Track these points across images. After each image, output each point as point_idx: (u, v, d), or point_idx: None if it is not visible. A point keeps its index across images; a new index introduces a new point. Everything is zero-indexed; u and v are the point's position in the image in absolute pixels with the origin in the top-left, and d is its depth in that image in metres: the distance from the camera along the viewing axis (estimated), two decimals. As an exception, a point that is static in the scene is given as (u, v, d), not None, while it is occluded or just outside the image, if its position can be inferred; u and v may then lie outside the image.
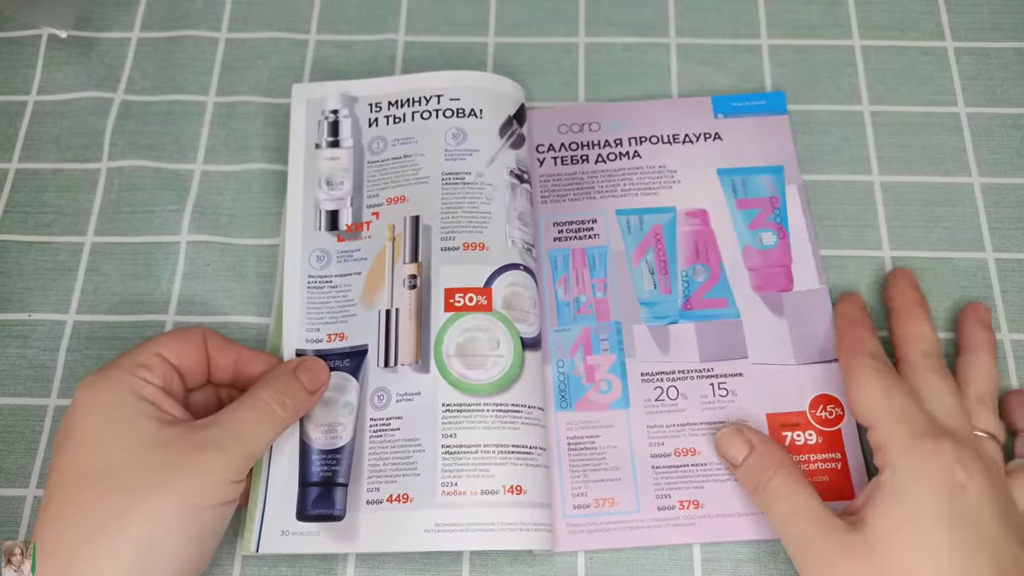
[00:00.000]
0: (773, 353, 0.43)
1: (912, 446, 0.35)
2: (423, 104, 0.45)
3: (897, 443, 0.35)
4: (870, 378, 0.38)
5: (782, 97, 0.48)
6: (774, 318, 0.43)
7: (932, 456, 0.35)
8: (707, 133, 0.47)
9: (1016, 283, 0.45)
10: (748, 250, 0.45)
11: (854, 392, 0.38)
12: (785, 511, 0.36)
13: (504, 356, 0.41)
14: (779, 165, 0.46)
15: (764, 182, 0.46)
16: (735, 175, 0.46)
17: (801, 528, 0.35)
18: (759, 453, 0.38)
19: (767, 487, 0.37)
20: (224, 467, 0.35)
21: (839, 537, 0.34)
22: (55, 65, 0.51)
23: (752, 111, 0.47)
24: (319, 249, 0.44)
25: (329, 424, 0.40)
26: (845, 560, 0.34)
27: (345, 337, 0.42)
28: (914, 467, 0.35)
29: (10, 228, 0.47)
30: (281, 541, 0.39)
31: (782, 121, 0.47)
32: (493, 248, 0.42)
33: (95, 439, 0.34)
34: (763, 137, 0.47)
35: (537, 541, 0.38)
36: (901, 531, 0.34)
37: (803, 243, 0.45)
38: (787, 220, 0.45)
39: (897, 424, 0.36)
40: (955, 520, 0.34)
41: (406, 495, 0.39)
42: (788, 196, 0.45)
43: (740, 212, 0.45)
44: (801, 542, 0.35)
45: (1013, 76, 0.49)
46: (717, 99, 0.48)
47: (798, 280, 0.44)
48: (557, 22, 0.51)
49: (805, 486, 0.37)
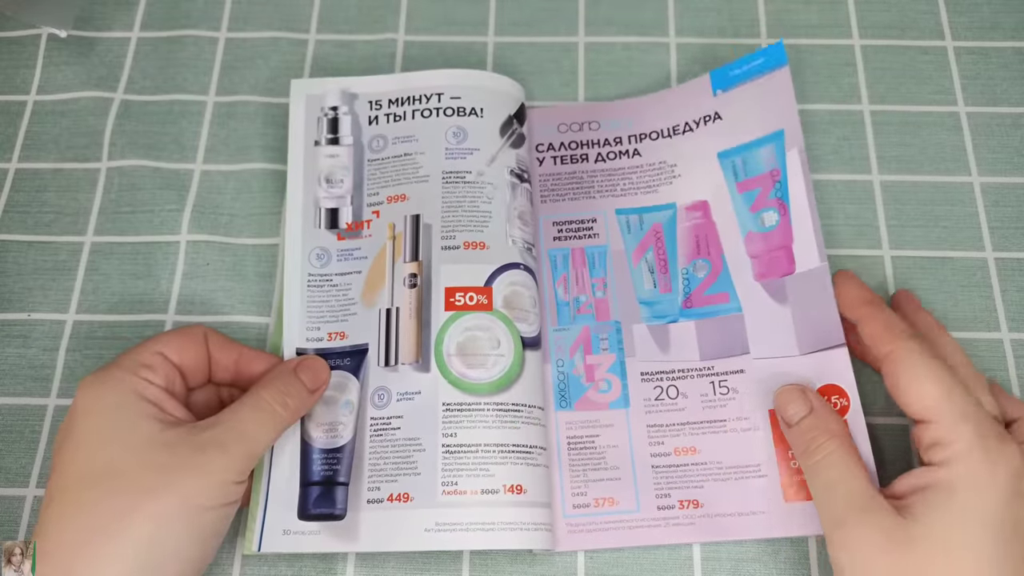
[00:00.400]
0: (776, 345, 0.42)
1: (978, 447, 0.34)
2: (423, 102, 0.45)
3: (963, 443, 0.34)
4: (924, 368, 0.36)
5: (780, 48, 0.46)
6: (777, 307, 0.42)
7: (999, 460, 0.34)
8: (707, 116, 0.46)
9: (1016, 283, 0.45)
10: (750, 236, 0.44)
11: (907, 384, 0.36)
12: (829, 480, 0.36)
13: (505, 355, 0.41)
14: (779, 130, 0.44)
15: (764, 155, 0.44)
16: (735, 155, 0.45)
17: (844, 502, 0.35)
18: (816, 416, 0.37)
19: (817, 453, 0.36)
20: (226, 468, 0.35)
21: (880, 519, 0.34)
22: (55, 65, 0.51)
23: (752, 74, 0.46)
24: (319, 247, 0.44)
25: (330, 423, 0.40)
26: (881, 544, 0.33)
27: (346, 336, 0.42)
28: (977, 471, 0.34)
29: (10, 228, 0.47)
30: (283, 540, 0.39)
31: (782, 75, 0.45)
32: (494, 247, 0.42)
33: (97, 440, 0.34)
34: (764, 101, 0.45)
35: (537, 541, 0.38)
36: (951, 533, 0.33)
37: (804, 214, 0.43)
38: (788, 192, 0.43)
39: (961, 421, 0.34)
40: (1009, 530, 0.33)
41: (406, 494, 0.39)
42: (789, 163, 0.44)
43: (741, 196, 0.44)
44: (840, 517, 0.35)
45: (1013, 76, 0.49)
46: (716, 73, 0.47)
47: (800, 260, 0.42)
48: (557, 22, 0.51)
49: (856, 461, 0.36)
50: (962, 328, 0.44)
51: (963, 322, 0.44)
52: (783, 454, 0.40)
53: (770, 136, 0.45)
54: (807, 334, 0.41)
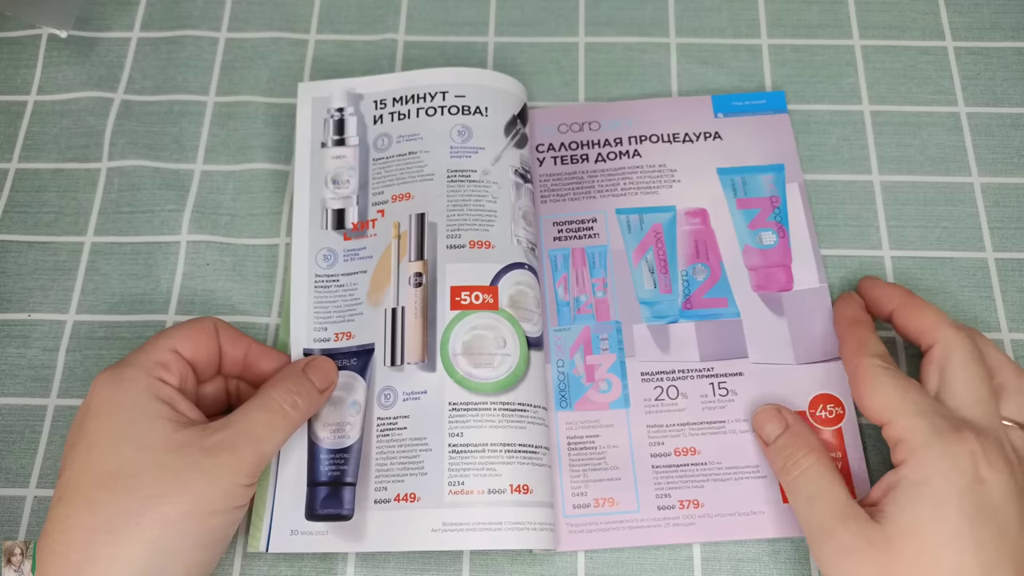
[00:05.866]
0: (773, 353, 0.43)
1: (934, 439, 0.35)
2: (428, 101, 0.45)
3: (919, 437, 0.35)
4: (880, 377, 0.37)
5: (782, 97, 0.48)
6: (774, 318, 0.43)
7: (955, 450, 0.34)
8: (707, 132, 0.47)
9: (1016, 283, 0.45)
10: (748, 250, 0.45)
11: (865, 392, 0.37)
12: (809, 494, 0.36)
13: (511, 355, 0.41)
14: (779, 163, 0.46)
15: (764, 181, 0.46)
16: (735, 174, 0.46)
17: (822, 514, 0.35)
18: (792, 433, 0.38)
19: (794, 469, 0.37)
20: (236, 471, 0.35)
21: (859, 527, 0.34)
22: (55, 65, 0.51)
23: (752, 110, 0.48)
24: (326, 248, 0.44)
25: (337, 423, 0.40)
26: (864, 550, 0.34)
27: (352, 336, 0.42)
28: (936, 461, 0.34)
29: (10, 228, 0.47)
30: (290, 541, 0.39)
31: (782, 120, 0.47)
32: (499, 246, 0.42)
33: (110, 440, 0.34)
34: (763, 136, 0.47)
35: (542, 540, 0.38)
36: (922, 525, 0.34)
37: (803, 242, 0.45)
38: (787, 219, 0.45)
39: (917, 416, 0.35)
40: (977, 515, 0.33)
41: (413, 494, 0.38)
42: (789, 195, 0.45)
43: (740, 212, 0.45)
44: (820, 528, 0.35)
45: (1013, 76, 0.49)
46: (717, 98, 0.48)
47: (798, 279, 0.44)
48: (557, 22, 0.51)
49: (832, 473, 0.36)
50: (962, 328, 0.44)
51: (963, 322, 0.44)
52: (782, 455, 0.40)
53: (771, 166, 0.46)
54: (803, 347, 0.43)
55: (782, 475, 0.38)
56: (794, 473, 0.37)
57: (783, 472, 0.38)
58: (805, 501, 0.36)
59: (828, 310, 0.43)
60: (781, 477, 0.38)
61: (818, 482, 0.36)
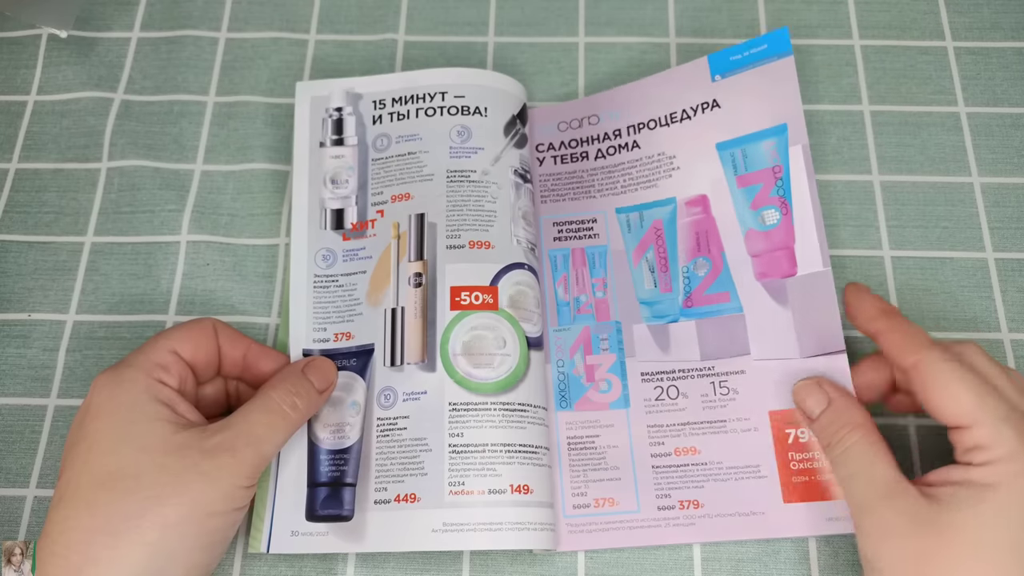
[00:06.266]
0: (777, 347, 0.42)
1: (1020, 453, 0.34)
2: (427, 101, 0.45)
3: (1007, 446, 0.34)
4: (948, 377, 0.35)
5: (785, 34, 0.45)
6: (778, 308, 0.42)
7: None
8: (705, 103, 0.46)
9: (1016, 283, 0.45)
10: (751, 234, 0.43)
11: (935, 395, 0.36)
12: (852, 471, 0.36)
13: (511, 355, 0.41)
14: (782, 124, 0.44)
15: (766, 149, 0.44)
16: (735, 147, 0.44)
17: (865, 491, 0.35)
18: (836, 409, 0.38)
19: (838, 447, 0.37)
20: (235, 472, 0.35)
21: (907, 504, 0.34)
22: (55, 65, 0.51)
23: (753, 60, 0.45)
24: (325, 248, 0.44)
25: (337, 424, 0.40)
26: (906, 530, 0.33)
27: (352, 336, 0.42)
28: (1016, 477, 0.33)
29: (10, 228, 0.47)
30: (291, 541, 0.39)
31: (786, 66, 0.44)
32: (499, 247, 0.42)
33: (109, 441, 0.34)
34: (765, 91, 0.44)
35: (542, 541, 0.38)
36: (986, 530, 0.33)
37: (807, 215, 0.42)
38: (790, 190, 0.43)
39: (1003, 425, 0.34)
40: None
41: (413, 495, 0.38)
42: (792, 160, 0.43)
43: (741, 191, 0.44)
44: (862, 505, 0.35)
45: (1013, 76, 0.49)
46: (714, 57, 0.46)
47: (802, 262, 0.42)
48: (557, 22, 0.52)
49: (877, 449, 0.36)
50: (962, 328, 0.44)
51: (963, 322, 0.44)
52: (782, 455, 0.40)
53: (772, 130, 0.44)
54: (808, 338, 0.41)
55: (827, 452, 0.37)
56: (837, 451, 0.37)
57: (828, 449, 0.37)
58: (848, 478, 0.36)
59: (833, 295, 0.41)
60: (826, 453, 0.38)
61: (860, 459, 0.36)
